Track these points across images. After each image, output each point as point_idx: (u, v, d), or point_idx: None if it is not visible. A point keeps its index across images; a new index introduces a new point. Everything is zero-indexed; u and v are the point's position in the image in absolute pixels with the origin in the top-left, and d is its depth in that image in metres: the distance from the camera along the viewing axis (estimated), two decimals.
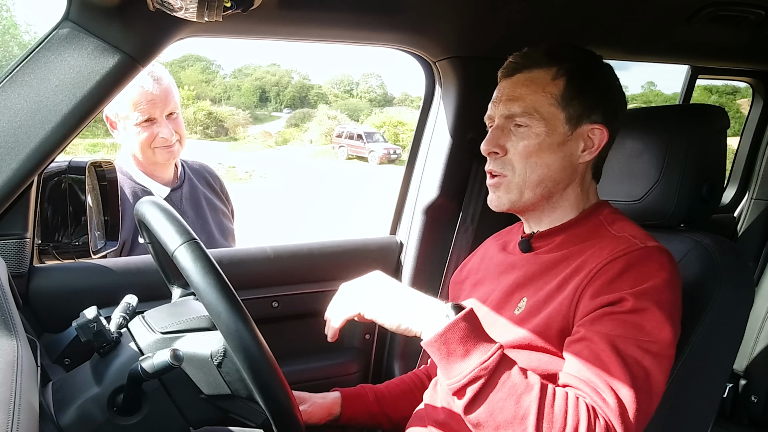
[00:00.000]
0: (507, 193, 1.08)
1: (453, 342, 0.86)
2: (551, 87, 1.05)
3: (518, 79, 1.07)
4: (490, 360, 0.85)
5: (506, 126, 1.08)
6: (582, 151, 1.07)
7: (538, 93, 1.05)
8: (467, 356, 0.85)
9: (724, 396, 2.07)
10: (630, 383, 0.87)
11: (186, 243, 0.83)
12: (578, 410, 0.84)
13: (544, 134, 1.05)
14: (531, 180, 1.06)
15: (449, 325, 0.86)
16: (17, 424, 0.61)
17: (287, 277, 1.55)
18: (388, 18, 1.38)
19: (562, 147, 1.06)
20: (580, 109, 1.05)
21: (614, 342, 0.90)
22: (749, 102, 2.57)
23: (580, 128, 1.06)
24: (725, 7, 1.49)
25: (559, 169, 1.06)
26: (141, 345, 0.95)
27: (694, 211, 1.20)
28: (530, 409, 0.83)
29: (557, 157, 1.05)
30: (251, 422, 0.97)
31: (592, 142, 1.07)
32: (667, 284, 0.95)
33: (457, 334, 0.86)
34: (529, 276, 1.07)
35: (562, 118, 1.05)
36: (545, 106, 1.05)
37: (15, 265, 1.19)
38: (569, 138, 1.06)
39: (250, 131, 30.77)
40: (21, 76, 1.06)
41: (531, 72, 1.07)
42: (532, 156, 1.05)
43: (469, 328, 0.87)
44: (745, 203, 2.51)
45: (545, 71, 1.06)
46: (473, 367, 0.84)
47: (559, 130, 1.05)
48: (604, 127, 1.07)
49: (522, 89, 1.06)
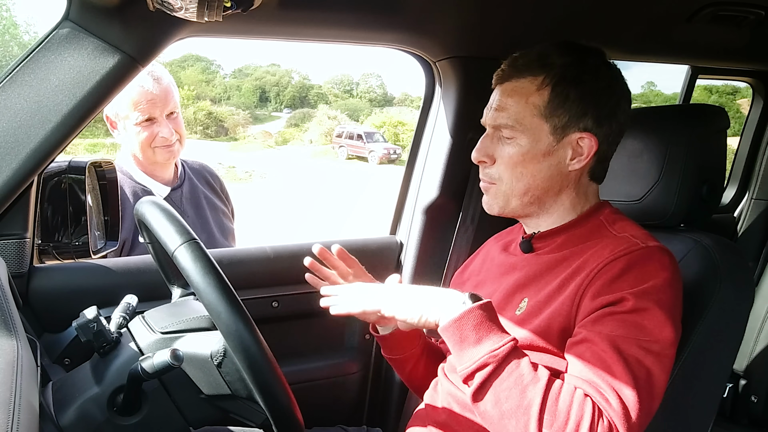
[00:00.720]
0: (495, 199, 1.09)
1: (467, 328, 0.88)
2: (535, 97, 1.04)
3: (506, 88, 1.07)
4: (501, 349, 0.86)
5: (495, 135, 1.08)
6: (571, 160, 1.05)
7: (521, 104, 1.04)
8: (479, 343, 0.87)
9: (724, 396, 2.07)
10: (632, 384, 0.87)
11: (186, 243, 0.83)
12: (583, 407, 0.84)
13: (527, 145, 1.04)
14: (517, 189, 1.06)
15: (465, 312, 0.88)
16: (17, 424, 0.61)
17: (287, 277, 1.55)
18: (388, 18, 1.38)
19: (548, 157, 1.05)
20: (565, 118, 1.04)
21: (616, 342, 0.90)
22: (749, 102, 2.58)
23: (567, 137, 1.04)
24: (725, 7, 1.49)
25: (546, 178, 1.06)
26: (141, 345, 0.95)
27: (694, 211, 1.20)
28: (534, 400, 0.84)
29: (543, 166, 1.05)
30: (251, 422, 0.97)
31: (581, 150, 1.05)
32: (668, 284, 0.95)
33: (472, 321, 0.88)
34: (530, 276, 1.07)
35: (547, 129, 1.04)
36: (528, 117, 1.04)
37: (15, 265, 1.19)
38: (555, 148, 1.05)
39: (250, 131, 30.76)
40: (21, 76, 1.06)
41: (518, 81, 1.06)
42: (518, 166, 1.05)
43: (484, 317, 0.89)
44: (745, 203, 2.51)
45: (530, 81, 1.05)
46: (483, 353, 0.86)
47: (544, 140, 1.04)
48: (592, 136, 1.04)
49: (508, 99, 1.06)
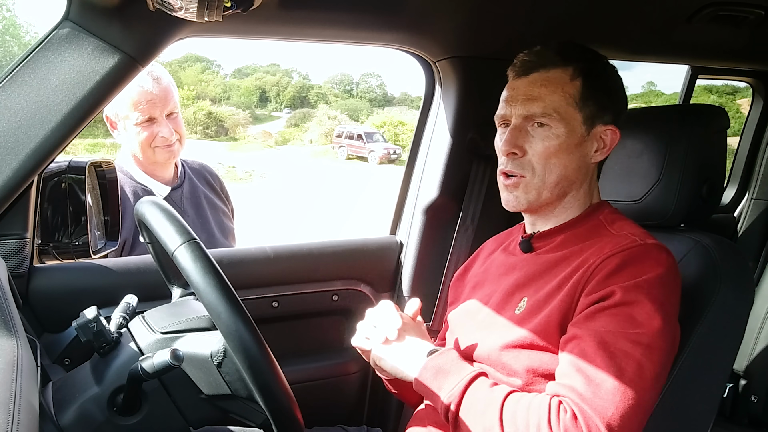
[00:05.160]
0: (525, 194, 1.07)
1: (428, 382, 0.98)
2: (569, 87, 1.05)
3: (535, 78, 1.06)
4: (456, 388, 0.95)
5: (524, 126, 1.06)
6: (595, 152, 1.08)
7: (557, 93, 1.04)
8: (440, 391, 0.97)
9: (724, 396, 2.07)
10: (617, 377, 0.87)
11: (186, 243, 0.83)
12: (540, 408, 0.88)
13: (564, 135, 1.04)
14: (549, 181, 1.06)
15: (421, 369, 0.99)
16: (17, 424, 0.61)
17: (287, 277, 1.55)
18: (388, 18, 1.37)
19: (579, 148, 1.06)
20: (594, 110, 1.05)
21: (603, 338, 0.91)
22: (749, 102, 2.57)
23: (594, 129, 1.06)
24: (725, 7, 1.49)
25: (575, 169, 1.06)
26: (141, 345, 0.95)
27: (694, 211, 1.20)
28: (494, 421, 0.91)
29: (574, 157, 1.06)
30: (251, 422, 0.97)
31: (604, 143, 1.08)
32: (661, 279, 0.95)
33: (431, 373, 0.98)
34: (529, 276, 1.08)
35: (580, 119, 1.05)
36: (564, 106, 1.04)
37: (15, 265, 1.19)
38: (585, 139, 1.06)
39: (250, 131, 30.74)
40: (21, 76, 1.06)
41: (548, 71, 1.05)
42: (552, 157, 1.05)
43: (437, 368, 0.98)
44: (745, 203, 2.51)
45: (562, 71, 1.05)
46: (444, 398, 0.96)
47: (578, 131, 1.05)
48: (616, 129, 1.08)
49: (540, 89, 1.05)
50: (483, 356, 1.06)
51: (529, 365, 0.99)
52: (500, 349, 1.02)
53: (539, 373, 0.98)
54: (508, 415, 0.90)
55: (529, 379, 0.99)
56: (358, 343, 1.11)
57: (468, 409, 0.93)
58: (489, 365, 1.04)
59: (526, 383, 0.99)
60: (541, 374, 0.98)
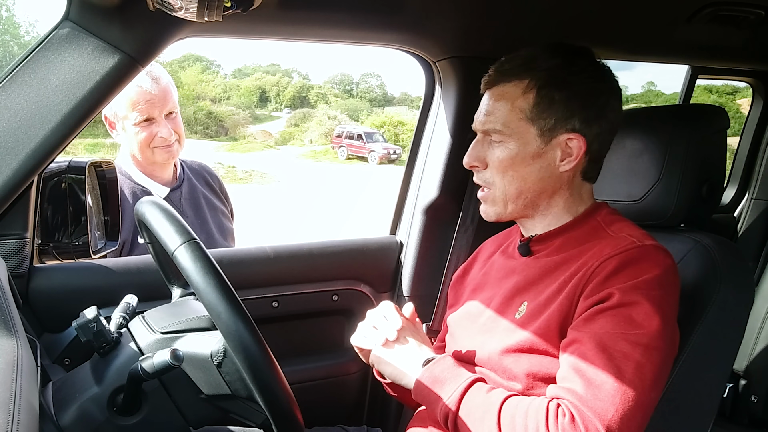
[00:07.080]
0: (493, 206, 1.09)
1: (425, 390, 0.99)
2: (521, 101, 1.04)
3: (493, 93, 1.08)
4: (454, 393, 0.96)
5: (485, 140, 1.09)
6: (561, 161, 1.05)
7: (507, 108, 1.05)
8: (438, 400, 0.98)
9: (724, 396, 2.07)
10: (616, 378, 0.87)
11: (186, 243, 0.83)
12: (539, 412, 0.88)
13: (516, 149, 1.04)
14: (510, 193, 1.07)
15: (417, 380, 1.01)
16: (17, 424, 0.61)
17: (287, 277, 1.55)
18: (388, 18, 1.37)
19: (538, 159, 1.05)
20: (552, 120, 1.04)
21: (602, 339, 0.91)
22: (749, 102, 2.58)
23: (555, 139, 1.04)
24: (725, 7, 1.49)
25: (537, 180, 1.06)
26: (141, 345, 0.95)
27: (694, 211, 1.20)
28: (492, 425, 0.91)
29: (533, 169, 1.05)
30: (251, 422, 0.97)
31: (570, 151, 1.05)
32: (658, 280, 0.95)
33: (428, 382, 0.99)
34: (529, 280, 1.08)
35: (534, 132, 1.04)
36: (515, 121, 1.04)
37: (15, 265, 1.19)
38: (544, 150, 1.05)
39: (250, 131, 30.75)
40: (21, 76, 1.06)
41: (504, 86, 1.06)
42: (508, 169, 1.05)
43: (433, 376, 1.00)
44: (745, 203, 2.51)
45: (516, 85, 1.05)
46: (442, 406, 0.97)
47: (532, 143, 1.04)
48: (581, 136, 1.04)
49: (495, 104, 1.06)
50: (483, 360, 1.06)
51: (529, 369, 0.99)
52: (501, 353, 1.02)
53: (539, 377, 0.98)
54: (507, 419, 0.91)
55: (529, 383, 0.99)
56: (357, 343, 1.11)
57: (466, 416, 0.94)
58: (489, 369, 1.05)
59: (527, 387, 0.99)
60: (541, 378, 0.98)
